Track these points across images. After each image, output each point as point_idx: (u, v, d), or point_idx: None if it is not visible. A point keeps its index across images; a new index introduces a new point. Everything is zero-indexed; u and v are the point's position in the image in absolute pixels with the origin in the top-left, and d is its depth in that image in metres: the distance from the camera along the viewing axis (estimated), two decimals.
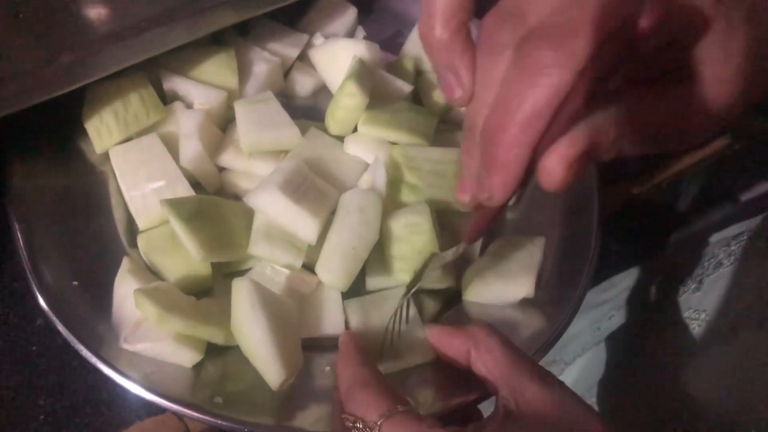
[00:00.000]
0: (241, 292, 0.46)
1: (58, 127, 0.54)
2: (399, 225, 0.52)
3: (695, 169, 0.68)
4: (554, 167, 0.32)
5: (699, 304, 0.58)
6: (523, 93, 0.31)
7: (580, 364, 0.71)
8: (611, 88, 0.35)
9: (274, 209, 0.50)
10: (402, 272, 0.52)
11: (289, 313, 0.48)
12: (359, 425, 0.37)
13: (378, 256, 0.53)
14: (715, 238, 0.65)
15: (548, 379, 0.38)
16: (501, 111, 0.32)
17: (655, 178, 0.67)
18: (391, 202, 0.55)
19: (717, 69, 0.34)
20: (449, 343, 0.44)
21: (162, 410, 0.47)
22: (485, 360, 0.40)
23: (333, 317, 0.50)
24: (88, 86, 0.54)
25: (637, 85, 0.36)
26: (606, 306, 0.74)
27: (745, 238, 0.60)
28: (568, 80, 0.30)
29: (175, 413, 0.47)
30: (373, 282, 0.54)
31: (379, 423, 0.36)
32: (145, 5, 0.50)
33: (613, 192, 0.64)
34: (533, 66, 0.30)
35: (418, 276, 0.49)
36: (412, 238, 0.51)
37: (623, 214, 0.66)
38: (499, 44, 0.33)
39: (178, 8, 0.51)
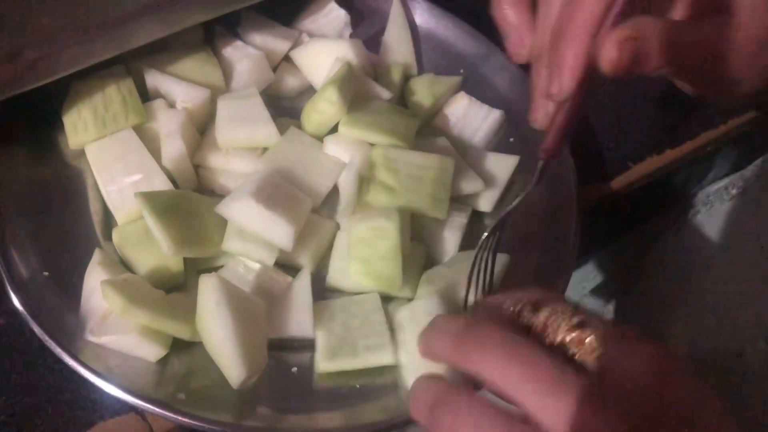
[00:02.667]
0: (207, 289, 0.45)
1: (36, 118, 0.54)
2: (365, 227, 0.51)
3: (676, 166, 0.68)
4: (609, 49, 0.37)
5: (677, 245, 0.59)
6: None
7: None
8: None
9: (248, 218, 0.50)
10: (360, 275, 0.52)
11: (256, 313, 0.48)
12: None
13: (341, 254, 0.53)
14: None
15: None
16: (564, 16, 0.39)
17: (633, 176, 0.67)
18: (364, 202, 0.55)
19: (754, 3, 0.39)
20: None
21: (125, 410, 0.47)
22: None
23: (301, 319, 0.50)
24: (71, 81, 0.55)
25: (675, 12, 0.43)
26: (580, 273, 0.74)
27: (729, 189, 0.62)
28: None
29: (138, 413, 0.47)
30: (332, 279, 0.54)
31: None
32: (110, 2, 0.50)
33: (592, 189, 0.64)
34: None
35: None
36: (377, 243, 0.51)
37: (608, 203, 0.66)
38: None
39: (145, 5, 0.51)
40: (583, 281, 0.74)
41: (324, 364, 0.48)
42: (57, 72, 0.50)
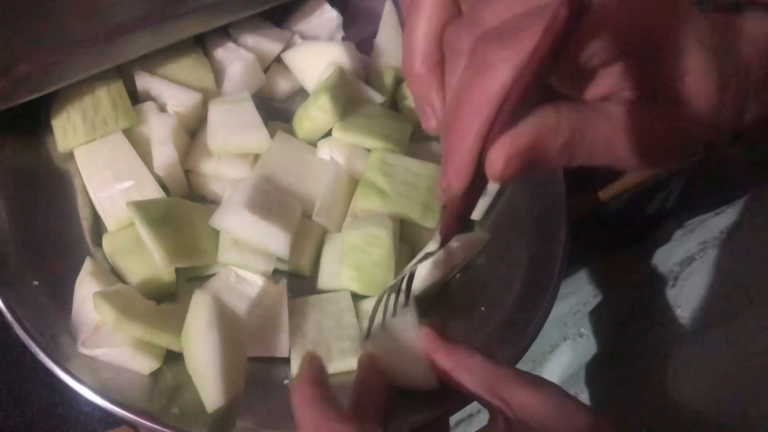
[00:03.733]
0: (200, 308, 0.45)
1: (24, 121, 0.53)
2: (358, 234, 0.51)
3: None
4: (495, 158, 0.33)
5: (674, 300, 0.59)
6: (472, 86, 0.33)
7: (552, 361, 0.71)
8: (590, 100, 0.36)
9: (243, 228, 0.50)
10: (352, 281, 0.52)
11: (240, 336, 0.47)
12: None
13: (334, 257, 0.53)
14: (687, 234, 0.66)
15: (538, 382, 0.39)
16: (454, 104, 0.35)
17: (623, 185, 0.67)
18: (357, 206, 0.55)
19: (685, 93, 0.34)
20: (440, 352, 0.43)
21: (117, 424, 0.47)
22: (469, 375, 0.40)
23: (278, 340, 0.50)
24: None
25: (602, 97, 0.36)
26: (571, 300, 0.74)
27: (719, 233, 0.60)
28: (512, 74, 0.32)
29: (131, 426, 0.47)
30: (323, 282, 0.54)
31: None
32: (103, 15, 0.50)
33: (583, 198, 0.64)
34: (482, 62, 0.33)
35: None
36: (370, 250, 0.51)
37: (595, 213, 0.66)
38: (458, 49, 0.36)
39: (138, 18, 0.51)
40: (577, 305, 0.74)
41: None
42: (50, 85, 0.49)
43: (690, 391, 0.51)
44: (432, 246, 0.45)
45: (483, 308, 0.54)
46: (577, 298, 0.73)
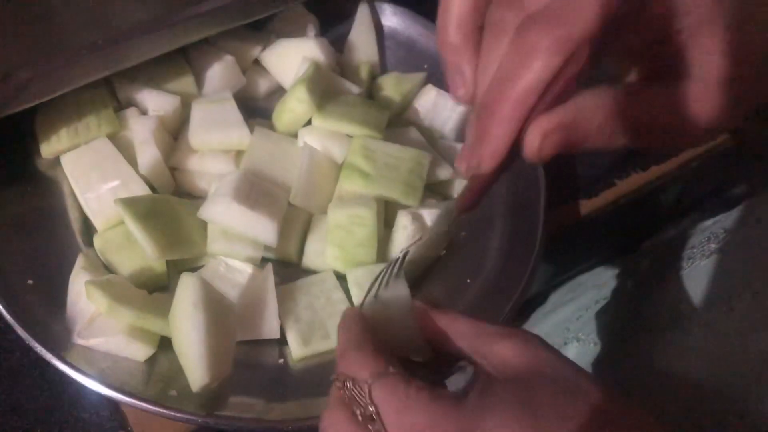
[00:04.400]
0: (186, 289, 0.46)
1: (8, 128, 0.54)
2: (343, 214, 0.53)
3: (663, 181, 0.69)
4: (532, 138, 0.34)
5: (673, 299, 0.59)
6: (517, 73, 0.33)
7: None
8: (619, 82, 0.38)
9: (231, 219, 0.51)
10: (336, 260, 0.54)
11: (229, 317, 0.48)
12: (349, 384, 0.36)
13: (320, 238, 0.55)
14: (687, 236, 0.66)
15: (516, 334, 0.39)
16: (496, 88, 0.35)
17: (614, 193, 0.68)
18: (342, 188, 0.56)
19: (709, 72, 0.35)
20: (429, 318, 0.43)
21: (114, 430, 0.48)
22: (455, 336, 0.41)
23: (268, 322, 0.50)
24: None
25: (636, 81, 0.38)
26: (573, 305, 0.75)
27: (721, 231, 0.60)
28: (558, 63, 0.32)
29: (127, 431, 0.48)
30: (308, 260, 0.55)
31: (369, 382, 0.36)
32: (101, 24, 0.51)
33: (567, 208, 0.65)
34: (528, 48, 0.33)
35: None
36: (354, 229, 0.53)
37: (594, 219, 0.67)
38: (500, 28, 0.35)
39: (135, 27, 0.52)
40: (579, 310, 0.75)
41: (299, 350, 0.50)
42: (48, 93, 0.50)
43: (693, 382, 0.51)
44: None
45: (468, 280, 0.55)
46: (579, 303, 0.73)
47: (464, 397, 0.36)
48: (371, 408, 0.35)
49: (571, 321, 0.72)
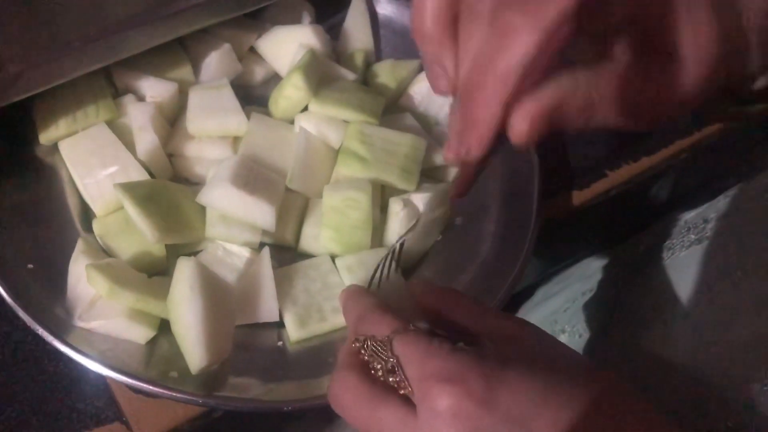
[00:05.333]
0: (183, 272, 0.47)
1: (11, 113, 0.54)
2: (338, 197, 0.54)
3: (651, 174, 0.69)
4: (519, 122, 0.34)
5: (655, 290, 0.59)
6: (496, 54, 0.33)
7: None
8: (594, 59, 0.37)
9: (229, 203, 0.52)
10: (331, 242, 0.54)
11: (227, 300, 0.49)
12: (369, 343, 0.37)
13: (316, 222, 0.55)
14: (672, 225, 0.66)
15: (520, 319, 0.40)
16: (476, 71, 0.35)
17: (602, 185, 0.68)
18: (339, 173, 0.57)
19: (686, 48, 0.35)
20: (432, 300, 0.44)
21: (110, 420, 0.48)
22: (456, 311, 0.41)
23: (267, 305, 0.51)
24: None
25: (615, 60, 0.37)
26: (561, 297, 0.75)
27: (701, 221, 0.61)
28: (537, 42, 0.32)
29: (123, 422, 0.48)
30: (305, 244, 0.56)
31: (390, 337, 0.36)
32: (94, 16, 0.51)
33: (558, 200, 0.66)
34: (505, 29, 0.33)
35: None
36: (349, 212, 0.53)
37: (581, 213, 0.67)
38: (477, 14, 0.35)
39: (127, 19, 0.52)
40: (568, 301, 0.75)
41: (296, 333, 0.51)
42: (41, 85, 0.51)
43: (676, 371, 0.52)
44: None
45: (463, 263, 0.56)
46: (566, 295, 0.73)
47: (484, 352, 0.36)
48: (392, 360, 0.35)
49: (559, 313, 0.72)
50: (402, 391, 0.35)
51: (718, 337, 0.51)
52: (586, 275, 0.74)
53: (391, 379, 0.35)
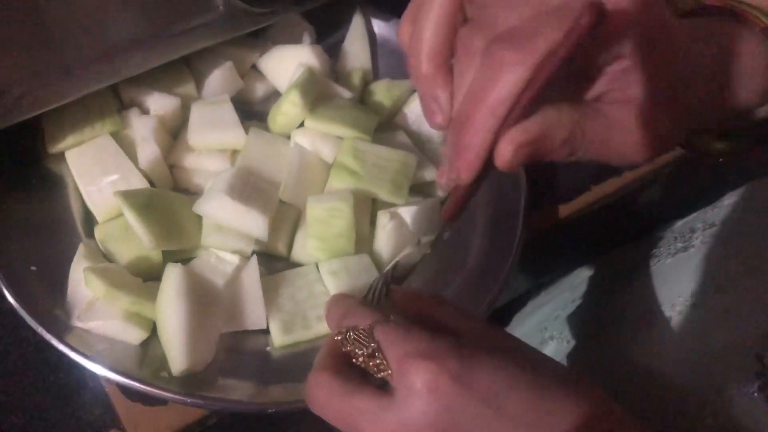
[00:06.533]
0: (170, 277, 0.49)
1: (21, 124, 0.57)
2: (321, 208, 0.56)
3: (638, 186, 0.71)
4: (504, 148, 0.36)
5: (640, 297, 0.60)
6: (488, 86, 0.36)
7: None
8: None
9: (224, 214, 0.54)
10: (317, 251, 0.56)
11: (214, 306, 0.51)
12: (351, 333, 0.39)
13: (304, 232, 0.57)
14: (660, 234, 0.68)
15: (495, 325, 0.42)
16: (469, 103, 0.37)
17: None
18: (331, 186, 0.59)
19: (647, 94, 0.38)
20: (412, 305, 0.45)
21: (107, 428, 0.50)
22: (436, 314, 0.43)
23: (255, 312, 0.53)
24: None
25: (597, 100, 0.40)
26: (550, 306, 0.77)
27: (688, 231, 0.62)
28: (526, 74, 0.34)
29: (120, 429, 0.50)
30: (296, 255, 0.58)
31: (372, 326, 0.38)
32: (96, 38, 0.54)
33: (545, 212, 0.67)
34: (497, 63, 0.35)
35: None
36: (332, 221, 0.55)
37: (570, 223, 0.69)
38: (471, 52, 0.38)
39: (126, 42, 0.55)
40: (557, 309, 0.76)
41: (280, 339, 0.53)
42: (43, 106, 0.53)
43: (661, 377, 0.53)
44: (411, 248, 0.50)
45: (450, 275, 0.58)
46: (556, 304, 0.75)
47: (461, 340, 0.38)
48: (373, 345, 0.37)
49: (549, 321, 0.73)
50: (381, 374, 0.37)
51: (700, 344, 0.52)
52: (575, 284, 0.76)
53: (371, 363, 0.37)
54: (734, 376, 0.48)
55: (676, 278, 0.58)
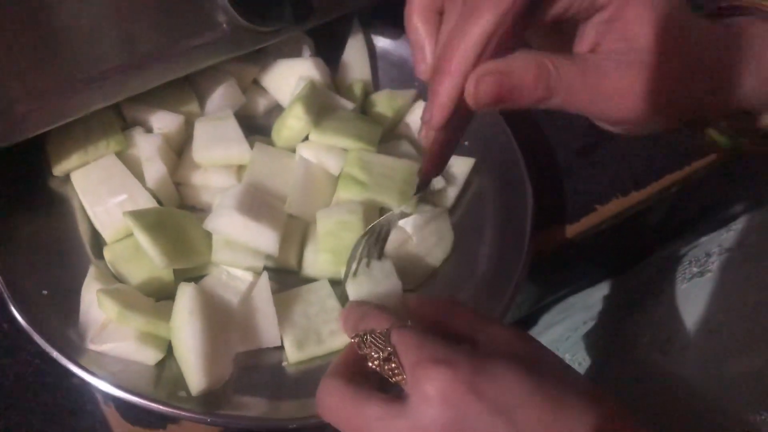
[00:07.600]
0: (183, 297, 0.49)
1: (25, 146, 0.56)
2: (331, 221, 0.56)
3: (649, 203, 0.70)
4: (469, 83, 0.39)
5: (654, 322, 0.60)
6: (462, 30, 0.38)
7: None
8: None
9: (235, 230, 0.54)
10: (330, 264, 0.56)
11: (227, 325, 0.51)
12: (368, 336, 0.39)
13: (316, 247, 0.57)
14: (674, 257, 0.68)
15: (515, 327, 0.43)
16: (445, 48, 0.40)
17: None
18: (339, 197, 0.60)
19: (618, 51, 0.39)
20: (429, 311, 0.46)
21: None
22: (449, 317, 0.44)
23: (269, 330, 0.53)
24: None
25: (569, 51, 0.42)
26: (563, 326, 0.77)
27: (703, 254, 0.62)
28: (499, 18, 0.37)
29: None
30: (306, 268, 0.58)
31: (389, 329, 0.39)
32: (100, 57, 0.53)
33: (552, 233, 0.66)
34: (472, 8, 0.38)
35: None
36: (343, 234, 0.55)
37: (580, 244, 0.69)
38: (455, 3, 0.41)
39: (129, 61, 0.55)
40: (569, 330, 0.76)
41: (294, 355, 0.52)
42: (46, 125, 0.53)
43: (674, 404, 0.53)
44: (408, 207, 0.52)
45: (461, 283, 0.58)
46: (568, 324, 0.75)
47: (477, 348, 0.39)
48: (389, 349, 0.38)
49: (561, 341, 0.73)
50: (395, 378, 0.37)
51: (720, 370, 0.52)
52: (588, 305, 0.75)
53: (386, 367, 0.37)
54: (754, 401, 0.48)
55: (692, 303, 0.58)
